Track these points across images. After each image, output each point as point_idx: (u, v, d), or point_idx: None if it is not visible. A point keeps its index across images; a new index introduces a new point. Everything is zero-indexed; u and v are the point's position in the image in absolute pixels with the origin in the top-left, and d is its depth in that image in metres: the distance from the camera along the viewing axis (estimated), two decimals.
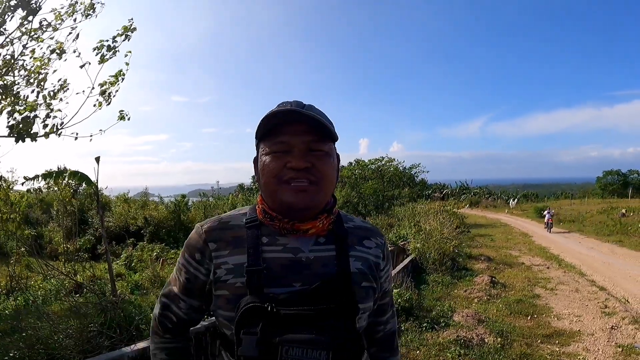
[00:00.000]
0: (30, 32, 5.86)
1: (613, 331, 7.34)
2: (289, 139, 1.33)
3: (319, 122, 1.32)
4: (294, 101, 1.38)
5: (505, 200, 53.48)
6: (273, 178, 1.34)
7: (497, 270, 12.82)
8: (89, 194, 19.73)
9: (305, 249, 1.38)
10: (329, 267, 1.37)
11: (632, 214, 25.87)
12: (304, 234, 1.38)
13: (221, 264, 1.36)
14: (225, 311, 1.34)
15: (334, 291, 1.31)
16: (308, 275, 1.33)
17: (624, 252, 16.34)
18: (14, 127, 5.81)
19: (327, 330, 1.24)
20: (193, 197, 34.07)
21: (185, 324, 1.54)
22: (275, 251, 1.36)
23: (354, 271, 1.40)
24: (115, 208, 23.49)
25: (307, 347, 1.20)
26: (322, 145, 1.36)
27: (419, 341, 6.62)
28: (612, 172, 55.51)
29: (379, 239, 1.57)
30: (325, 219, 1.41)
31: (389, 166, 32.85)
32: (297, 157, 1.32)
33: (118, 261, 13.78)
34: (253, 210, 1.47)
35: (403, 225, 18.14)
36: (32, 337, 4.61)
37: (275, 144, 1.35)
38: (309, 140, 1.33)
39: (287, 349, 1.19)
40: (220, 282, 1.35)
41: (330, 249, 1.41)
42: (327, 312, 1.26)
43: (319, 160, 1.34)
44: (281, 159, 1.33)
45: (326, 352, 1.20)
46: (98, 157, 6.87)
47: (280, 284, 1.30)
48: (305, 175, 1.32)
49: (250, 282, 1.29)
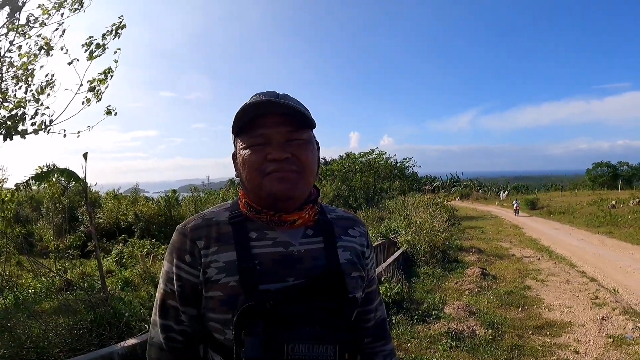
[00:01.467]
0: (17, 28, 5.81)
1: (604, 322, 7.38)
2: (266, 130, 1.30)
3: (296, 110, 1.29)
4: (267, 92, 1.36)
5: (495, 193, 53.72)
6: (255, 171, 1.31)
7: (487, 262, 12.87)
8: (78, 190, 19.65)
9: (295, 242, 1.36)
10: (319, 260, 1.36)
11: (621, 205, 26.00)
12: (291, 225, 1.36)
13: (210, 263, 1.30)
14: (218, 314, 1.28)
15: (329, 284, 1.30)
16: (300, 269, 1.32)
17: (613, 243, 16.44)
18: (2, 124, 5.77)
19: (329, 324, 1.23)
20: (184, 192, 33.99)
21: (193, 339, 1.40)
22: (265, 246, 1.33)
23: (343, 262, 1.40)
24: (105, 204, 23.37)
25: (313, 343, 1.18)
26: (301, 133, 1.34)
27: (410, 334, 6.63)
28: (601, 164, 55.83)
29: (361, 228, 1.57)
30: (311, 210, 1.40)
31: (380, 159, 32.85)
32: (277, 148, 1.29)
33: (109, 258, 13.70)
34: (235, 205, 1.44)
35: (394, 218, 18.17)
36: (22, 336, 4.59)
37: (252, 137, 1.32)
38: (287, 130, 1.31)
39: (293, 347, 1.17)
40: (212, 282, 1.29)
41: (318, 240, 1.40)
42: (328, 305, 1.26)
43: (298, 149, 1.32)
44: (261, 152, 1.30)
45: (332, 346, 1.19)
46: (85, 153, 6.84)
47: (274, 280, 1.28)
48: (286, 166, 1.29)
49: (243, 280, 1.25)
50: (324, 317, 1.23)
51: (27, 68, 6.07)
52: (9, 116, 5.82)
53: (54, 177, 7.14)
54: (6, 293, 7.29)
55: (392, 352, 1.68)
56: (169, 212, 21.05)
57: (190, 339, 1.38)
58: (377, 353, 1.64)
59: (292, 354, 1.16)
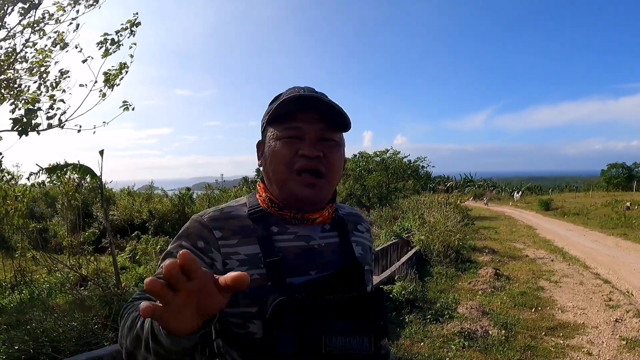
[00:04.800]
0: (32, 25, 5.85)
1: (617, 324, 7.32)
2: (302, 125, 1.30)
3: (336, 109, 1.29)
4: (306, 87, 1.36)
5: (509, 193, 53.47)
6: (283, 165, 1.30)
7: (501, 262, 12.81)
8: (93, 187, 19.77)
9: (315, 236, 1.37)
10: (337, 254, 1.37)
11: (636, 207, 25.79)
12: (312, 223, 1.37)
13: (231, 254, 1.27)
14: (240, 307, 1.23)
15: (350, 278, 1.31)
16: (321, 263, 1.32)
17: (628, 245, 16.29)
18: (17, 120, 5.81)
19: (361, 316, 1.23)
20: (198, 190, 34.08)
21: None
22: (287, 240, 1.33)
23: (357, 256, 1.41)
24: (119, 201, 23.49)
25: (348, 335, 1.19)
26: (334, 134, 1.34)
27: (423, 333, 6.62)
28: (616, 165, 55.38)
29: (366, 224, 1.60)
30: (330, 208, 1.41)
31: (394, 159, 32.75)
32: (310, 145, 1.29)
33: (122, 254, 13.79)
34: (253, 200, 1.42)
35: (407, 217, 18.13)
36: (37, 330, 4.62)
37: (287, 129, 1.31)
38: (322, 128, 1.31)
39: (330, 339, 1.17)
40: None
41: (334, 235, 1.41)
42: (361, 299, 1.26)
43: (329, 150, 1.32)
44: (292, 146, 1.30)
45: (368, 337, 1.21)
46: (102, 150, 6.88)
47: (298, 273, 1.28)
48: (316, 164, 1.29)
49: (271, 273, 1.24)
50: (356, 309, 1.24)
51: (42, 64, 6.11)
52: (25, 111, 5.86)
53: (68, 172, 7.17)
54: (21, 287, 7.36)
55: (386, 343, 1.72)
56: (182, 210, 21.13)
57: None
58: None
59: (330, 346, 1.17)
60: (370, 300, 1.28)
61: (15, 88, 6.03)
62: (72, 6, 6.03)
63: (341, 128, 1.36)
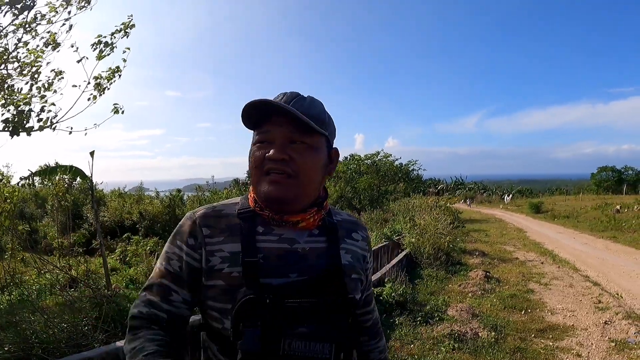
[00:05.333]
0: (25, 25, 5.84)
1: (606, 326, 7.37)
2: (272, 129, 1.33)
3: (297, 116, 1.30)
4: (290, 92, 1.37)
5: (500, 196, 53.61)
6: (255, 169, 1.35)
7: (491, 265, 12.86)
8: (83, 188, 19.68)
9: (300, 239, 1.38)
10: (322, 259, 1.37)
11: (626, 210, 25.91)
12: (294, 226, 1.38)
13: (215, 252, 1.31)
14: (218, 302, 1.29)
15: (329, 284, 1.32)
16: (303, 266, 1.33)
17: (617, 248, 16.38)
18: (9, 120, 5.80)
19: (328, 322, 1.25)
20: (188, 191, 33.99)
21: (177, 321, 1.33)
22: (271, 241, 1.34)
23: (345, 263, 1.42)
24: (110, 203, 23.41)
25: (310, 340, 1.20)
26: (305, 137, 1.34)
27: (413, 335, 6.64)
28: (606, 169, 55.63)
29: (364, 232, 1.60)
30: (316, 214, 1.41)
31: (385, 161, 32.76)
32: (276, 148, 1.31)
33: (113, 256, 13.73)
34: (245, 199, 1.45)
35: (398, 220, 18.16)
36: (26, 331, 4.61)
37: (260, 133, 1.36)
38: (290, 131, 1.32)
39: (290, 342, 1.18)
40: (215, 271, 1.30)
41: (322, 240, 1.41)
42: (327, 305, 1.27)
43: (298, 153, 1.33)
44: (263, 150, 1.33)
45: (329, 344, 1.21)
46: (92, 151, 6.87)
47: (277, 274, 1.29)
48: (282, 167, 1.31)
49: (246, 272, 1.26)
50: (323, 316, 1.25)
51: (34, 65, 6.10)
52: (17, 112, 5.85)
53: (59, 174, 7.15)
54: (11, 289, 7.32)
55: (384, 348, 1.74)
56: (173, 211, 21.08)
57: (174, 320, 1.32)
58: (373, 350, 1.69)
59: (289, 349, 1.18)
60: (338, 308, 1.30)
61: (6, 88, 6.02)
62: (64, 7, 6.03)
63: (312, 131, 1.35)
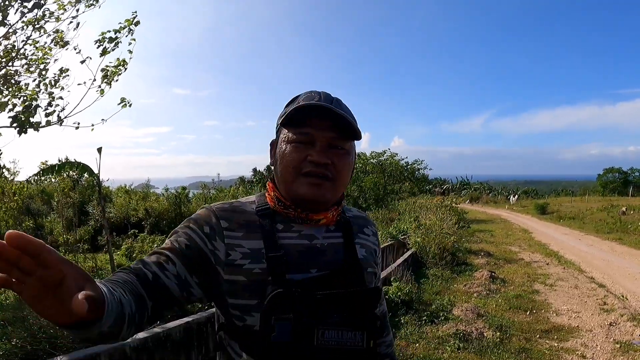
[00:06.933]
0: (33, 23, 5.87)
1: (611, 328, 7.36)
2: (313, 131, 1.33)
3: (346, 120, 1.32)
4: (323, 93, 1.38)
5: (505, 197, 53.46)
6: (292, 169, 1.34)
7: (496, 265, 12.84)
8: (89, 185, 19.74)
9: (319, 235, 1.40)
10: (339, 254, 1.40)
11: (632, 212, 25.81)
12: (316, 223, 1.40)
13: (235, 246, 1.31)
14: (240, 299, 1.29)
15: (348, 277, 1.35)
16: (323, 261, 1.35)
17: (623, 250, 16.30)
18: (16, 117, 5.82)
19: (356, 312, 1.27)
20: (194, 189, 34.06)
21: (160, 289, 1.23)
22: (291, 237, 1.36)
23: (361, 257, 1.44)
24: (116, 199, 23.49)
25: (342, 329, 1.22)
26: (344, 142, 1.37)
27: (418, 334, 6.65)
28: (612, 170, 55.47)
29: (373, 228, 1.63)
30: (335, 211, 1.44)
31: (391, 161, 32.74)
32: (319, 151, 1.32)
33: (119, 252, 13.79)
34: (262, 198, 1.46)
35: (403, 219, 18.14)
36: (34, 326, 4.63)
37: (298, 133, 1.34)
38: (333, 136, 1.34)
39: (323, 332, 1.21)
40: (235, 266, 1.29)
41: (338, 236, 1.44)
42: (356, 295, 1.29)
43: (338, 158, 1.35)
44: (302, 151, 1.33)
45: (361, 332, 1.24)
46: (100, 147, 6.90)
47: (298, 270, 1.31)
48: (323, 171, 1.33)
49: (271, 268, 1.27)
50: (353, 306, 1.27)
51: (42, 62, 6.13)
52: (24, 108, 5.88)
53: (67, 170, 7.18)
54: None
55: (392, 341, 1.74)
56: (179, 209, 21.12)
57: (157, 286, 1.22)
58: (380, 344, 1.68)
59: (322, 339, 1.20)
60: (366, 297, 1.32)
61: (13, 85, 6.05)
62: (73, 5, 6.05)
63: (351, 137, 1.39)
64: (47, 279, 0.79)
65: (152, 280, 1.22)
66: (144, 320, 1.17)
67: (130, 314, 1.07)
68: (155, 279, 1.22)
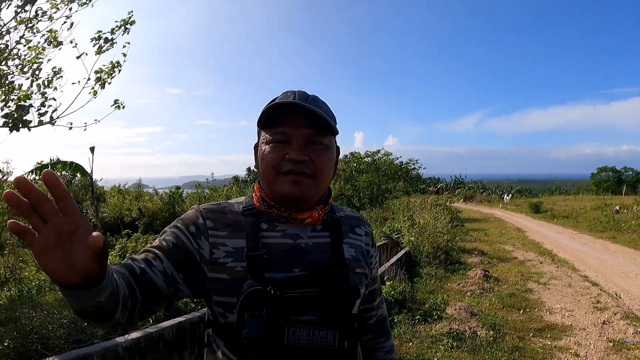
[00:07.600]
0: (26, 22, 5.85)
1: (605, 326, 7.39)
2: (289, 130, 1.35)
3: (320, 116, 1.33)
4: (298, 91, 1.39)
5: (499, 196, 53.55)
6: (272, 169, 1.36)
7: (490, 264, 12.87)
8: (83, 184, 19.66)
9: (304, 235, 1.41)
10: (326, 254, 1.39)
11: (625, 210, 25.88)
12: (300, 223, 1.40)
13: (219, 245, 1.34)
14: (223, 297, 1.32)
15: (332, 277, 1.34)
16: (307, 261, 1.35)
17: (617, 248, 16.36)
18: (9, 116, 5.80)
19: (330, 312, 1.27)
20: (188, 188, 34.02)
21: (148, 284, 1.25)
22: (275, 237, 1.37)
23: (348, 257, 1.43)
24: (110, 199, 23.44)
25: (313, 328, 1.23)
26: (322, 138, 1.38)
27: (412, 333, 6.66)
28: (606, 169, 55.65)
29: (367, 227, 1.62)
30: (321, 210, 1.44)
31: (385, 160, 32.73)
32: (296, 149, 1.33)
33: (112, 252, 13.72)
34: (250, 199, 1.48)
35: (397, 218, 18.16)
36: (26, 327, 4.62)
37: (275, 133, 1.36)
38: (309, 133, 1.35)
39: (294, 330, 1.21)
40: (218, 264, 1.32)
41: (325, 235, 1.44)
42: (330, 294, 1.29)
43: (316, 154, 1.36)
44: (280, 150, 1.35)
45: (333, 332, 1.23)
46: (93, 147, 6.88)
47: (281, 269, 1.31)
48: (302, 168, 1.33)
49: (251, 266, 1.29)
50: (327, 305, 1.27)
51: (34, 62, 6.11)
52: (16, 107, 5.85)
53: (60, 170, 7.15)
54: (11, 285, 7.33)
55: (392, 348, 1.74)
56: (172, 208, 21.08)
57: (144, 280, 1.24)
58: (378, 349, 1.70)
59: (293, 337, 1.21)
60: (340, 296, 1.31)
61: (6, 84, 6.02)
62: (65, 4, 6.03)
63: (329, 132, 1.40)
64: (63, 226, 0.81)
65: (140, 275, 1.24)
66: (136, 310, 1.19)
67: (124, 297, 1.10)
68: (142, 274, 1.25)
